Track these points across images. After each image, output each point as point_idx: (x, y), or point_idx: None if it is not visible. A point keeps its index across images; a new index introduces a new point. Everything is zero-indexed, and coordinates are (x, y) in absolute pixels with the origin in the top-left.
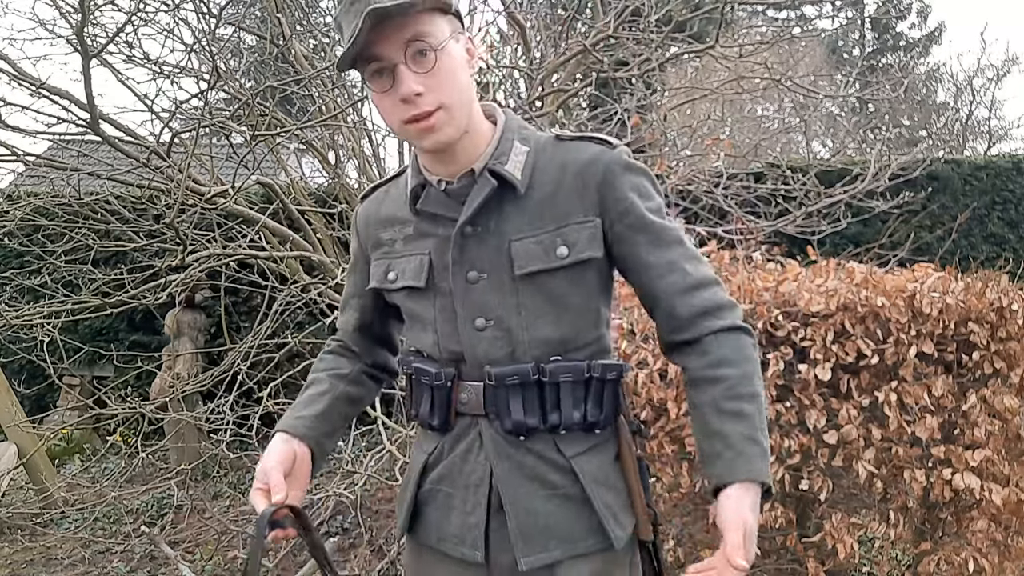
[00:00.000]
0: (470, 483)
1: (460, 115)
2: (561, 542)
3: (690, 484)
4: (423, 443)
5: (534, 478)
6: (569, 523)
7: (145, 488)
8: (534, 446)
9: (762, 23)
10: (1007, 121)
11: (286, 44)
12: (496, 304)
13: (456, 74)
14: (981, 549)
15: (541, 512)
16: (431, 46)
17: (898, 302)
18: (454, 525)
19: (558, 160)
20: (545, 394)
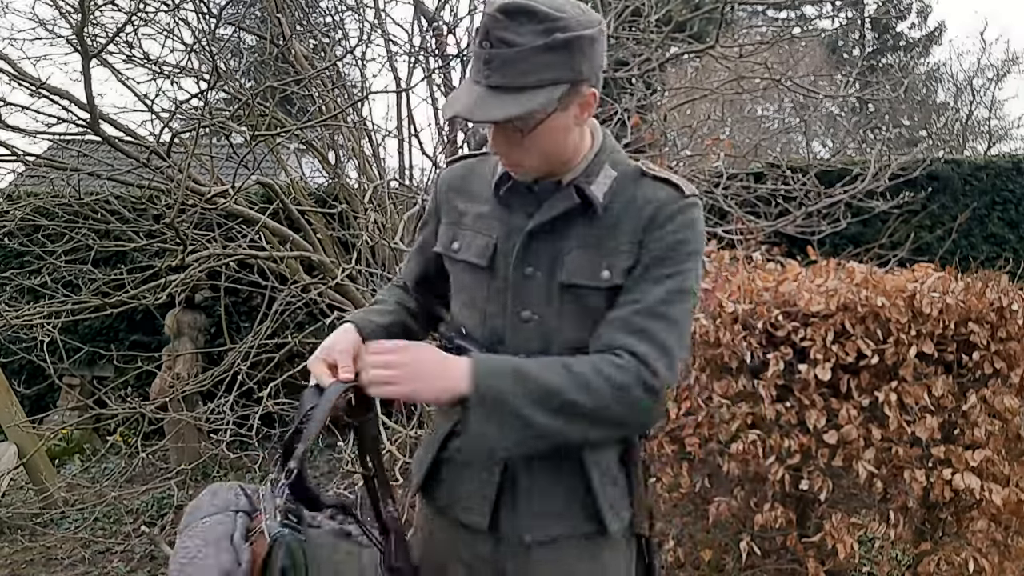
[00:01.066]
0: (482, 455)
1: (546, 168)
2: (564, 523)
3: (690, 484)
4: (451, 413)
5: (547, 464)
6: (573, 507)
7: (145, 488)
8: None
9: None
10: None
11: (286, 44)
12: (542, 302)
13: (547, 143)
14: (981, 549)
15: (550, 495)
16: (520, 128)
17: (898, 302)
18: (465, 492)
19: (636, 193)
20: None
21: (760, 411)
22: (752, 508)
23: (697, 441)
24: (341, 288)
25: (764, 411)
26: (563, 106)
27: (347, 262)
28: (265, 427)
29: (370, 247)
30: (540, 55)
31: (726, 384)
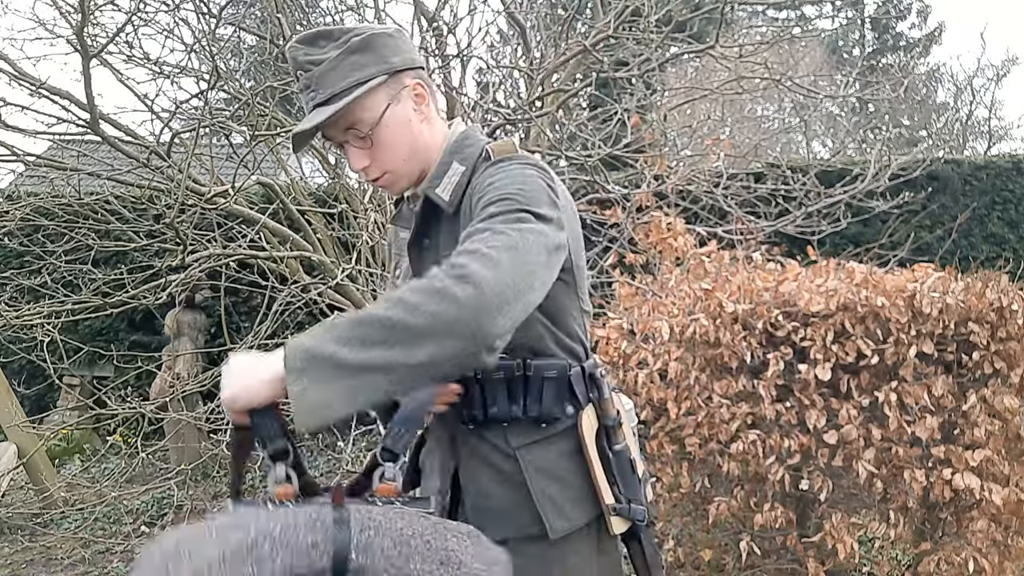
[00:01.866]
0: (441, 464)
1: (409, 169)
2: (510, 524)
3: (690, 484)
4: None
5: (488, 464)
6: (517, 508)
7: (145, 488)
8: (487, 435)
9: (762, 23)
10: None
11: (286, 44)
12: None
13: (396, 140)
14: (981, 549)
15: (493, 495)
16: (364, 131)
17: (898, 302)
18: (432, 489)
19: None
20: (484, 390)
21: (760, 411)
22: (752, 508)
23: (697, 441)
24: (341, 288)
25: (764, 411)
26: (393, 99)
27: (347, 262)
28: None
29: (370, 247)
30: (345, 60)
31: (726, 384)
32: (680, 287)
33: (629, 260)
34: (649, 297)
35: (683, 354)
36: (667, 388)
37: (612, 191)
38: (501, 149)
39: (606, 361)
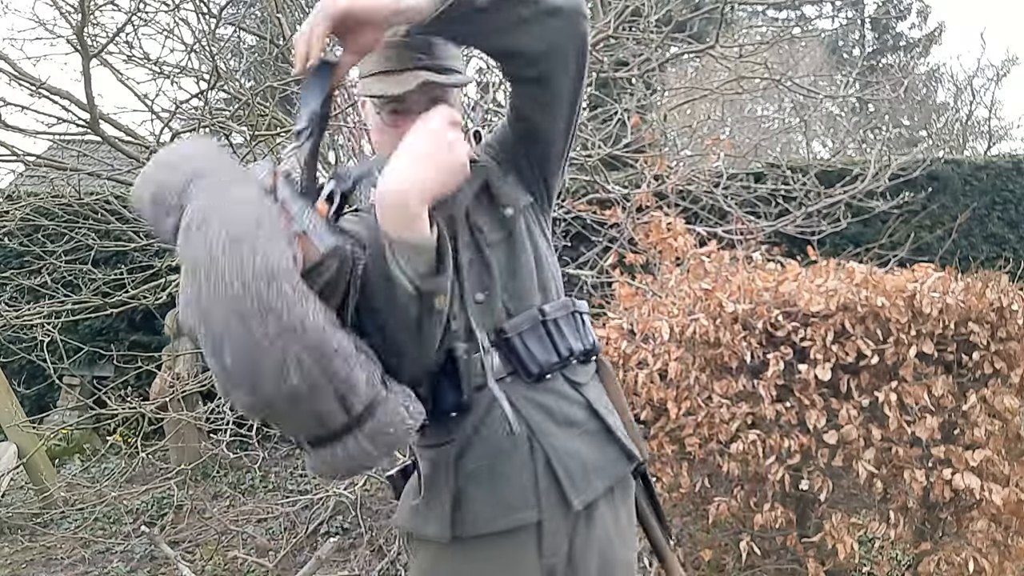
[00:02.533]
0: (509, 446)
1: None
2: (599, 475)
3: (690, 484)
4: (438, 438)
5: (563, 421)
6: (600, 455)
7: (145, 488)
8: (553, 386)
9: (762, 23)
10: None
11: (286, 44)
12: (487, 273)
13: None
14: (981, 549)
15: (578, 451)
16: (441, 99)
17: (898, 302)
18: (501, 495)
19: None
20: (551, 330)
21: (760, 411)
22: (752, 508)
23: (697, 441)
24: None
25: (764, 411)
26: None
27: None
28: (265, 427)
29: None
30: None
31: (726, 384)
32: (680, 287)
33: (629, 260)
34: (649, 297)
35: (683, 354)
36: (667, 388)
37: (612, 191)
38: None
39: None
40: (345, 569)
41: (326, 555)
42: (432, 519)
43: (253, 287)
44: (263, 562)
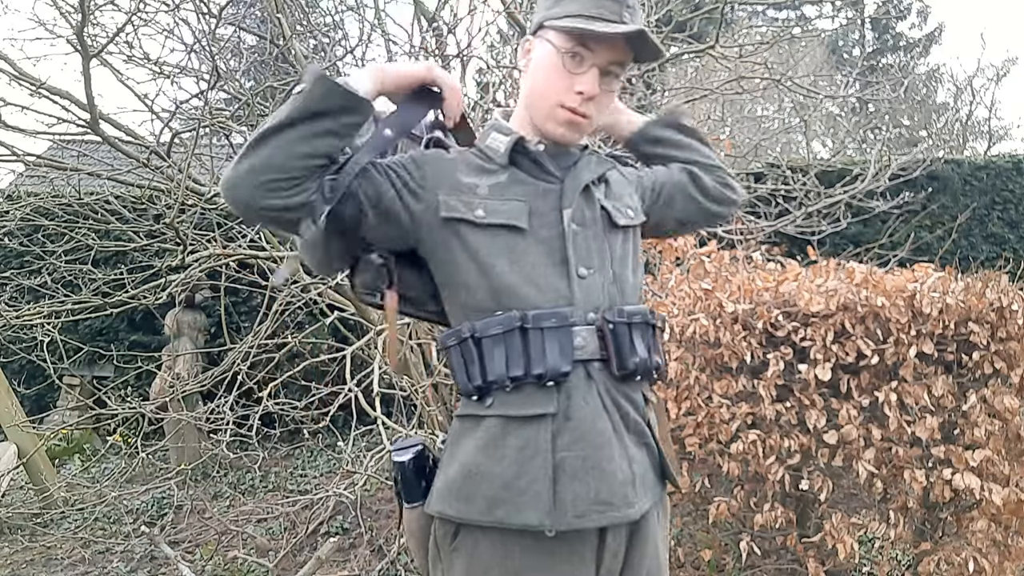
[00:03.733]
0: (605, 439)
1: (589, 130)
2: (648, 489)
3: (690, 484)
4: (528, 409)
5: (632, 428)
6: (650, 470)
7: (145, 488)
8: (631, 391)
9: (762, 23)
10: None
11: (286, 44)
12: (596, 252)
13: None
14: (981, 549)
15: (639, 460)
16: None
17: (898, 302)
18: (598, 488)
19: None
20: (651, 336)
21: (760, 411)
22: (752, 508)
23: (697, 441)
24: (341, 288)
25: (764, 411)
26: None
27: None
28: (265, 427)
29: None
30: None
31: (726, 384)
32: (680, 287)
33: None
34: (649, 297)
35: (683, 354)
36: (667, 388)
37: None
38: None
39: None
40: (345, 569)
41: (326, 555)
42: (529, 504)
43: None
44: (263, 562)
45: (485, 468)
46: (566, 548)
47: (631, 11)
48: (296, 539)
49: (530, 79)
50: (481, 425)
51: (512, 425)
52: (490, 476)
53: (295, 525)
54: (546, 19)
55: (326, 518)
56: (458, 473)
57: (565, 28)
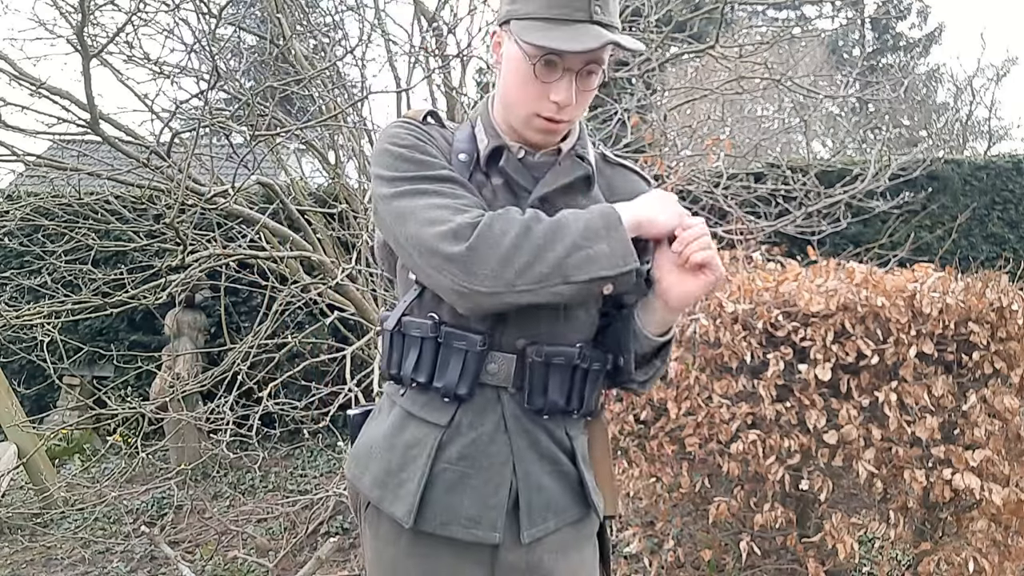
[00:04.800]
0: (495, 462)
1: (572, 127)
2: (555, 514)
3: (690, 484)
4: (427, 414)
5: (544, 455)
6: (564, 496)
7: (145, 488)
8: (550, 425)
9: (762, 23)
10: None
11: (286, 44)
12: None
13: (589, 100)
14: (981, 549)
15: (545, 487)
16: (598, 71)
17: (898, 302)
18: (468, 506)
19: (607, 178)
20: (576, 379)
21: (760, 411)
22: (752, 508)
23: (697, 441)
24: (341, 288)
25: (764, 411)
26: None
27: (347, 262)
28: (265, 427)
29: (370, 247)
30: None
31: (726, 384)
32: None
33: None
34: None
35: (683, 354)
36: (667, 388)
37: None
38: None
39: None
40: (345, 569)
41: (326, 555)
42: (400, 499)
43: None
44: (263, 562)
45: (380, 450)
46: (450, 551)
47: (600, 2)
48: (296, 539)
49: (503, 81)
50: (393, 408)
51: (411, 421)
52: (380, 459)
53: (295, 525)
54: (511, 15)
55: (326, 518)
56: (365, 442)
57: (528, 43)
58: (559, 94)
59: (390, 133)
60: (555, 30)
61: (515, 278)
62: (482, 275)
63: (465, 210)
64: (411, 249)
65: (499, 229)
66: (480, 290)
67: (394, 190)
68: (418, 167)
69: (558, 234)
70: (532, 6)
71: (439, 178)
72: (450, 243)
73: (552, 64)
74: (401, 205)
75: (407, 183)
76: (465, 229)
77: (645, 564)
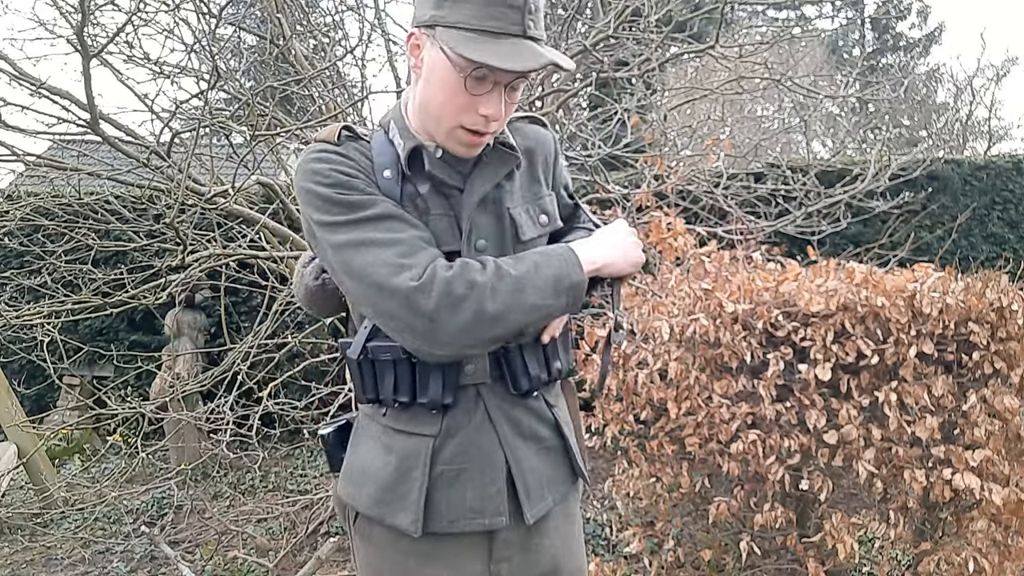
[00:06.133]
0: (484, 452)
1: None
2: (551, 490)
3: (690, 484)
4: (414, 427)
5: (528, 436)
6: (556, 471)
7: (145, 488)
8: (530, 402)
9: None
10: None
11: (286, 44)
12: None
13: (511, 111)
14: (981, 549)
15: (537, 467)
16: (523, 85)
17: (898, 302)
18: (471, 499)
19: (520, 139)
20: (549, 346)
21: (760, 411)
22: (752, 508)
23: (697, 441)
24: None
25: (764, 411)
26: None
27: None
28: (265, 427)
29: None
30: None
31: (726, 384)
32: (680, 287)
33: None
34: (649, 297)
35: (683, 354)
36: (667, 388)
37: (612, 191)
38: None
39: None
40: (345, 569)
41: (326, 555)
42: (401, 509)
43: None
44: (263, 562)
45: (373, 469)
46: (449, 547)
47: (534, 17)
48: (296, 539)
49: (425, 89)
50: (374, 428)
51: (399, 437)
52: (376, 477)
53: (295, 525)
54: (436, 21)
55: (326, 518)
56: (355, 464)
57: (462, 57)
58: (489, 107)
59: (310, 169)
60: (490, 44)
61: (476, 342)
62: (443, 342)
63: (409, 260)
64: (366, 306)
65: (459, 293)
66: (441, 353)
67: (334, 239)
68: (350, 209)
69: (521, 297)
70: (462, 15)
71: (376, 218)
72: (408, 311)
73: (482, 77)
74: (344, 259)
75: (344, 230)
76: (422, 291)
77: (645, 564)
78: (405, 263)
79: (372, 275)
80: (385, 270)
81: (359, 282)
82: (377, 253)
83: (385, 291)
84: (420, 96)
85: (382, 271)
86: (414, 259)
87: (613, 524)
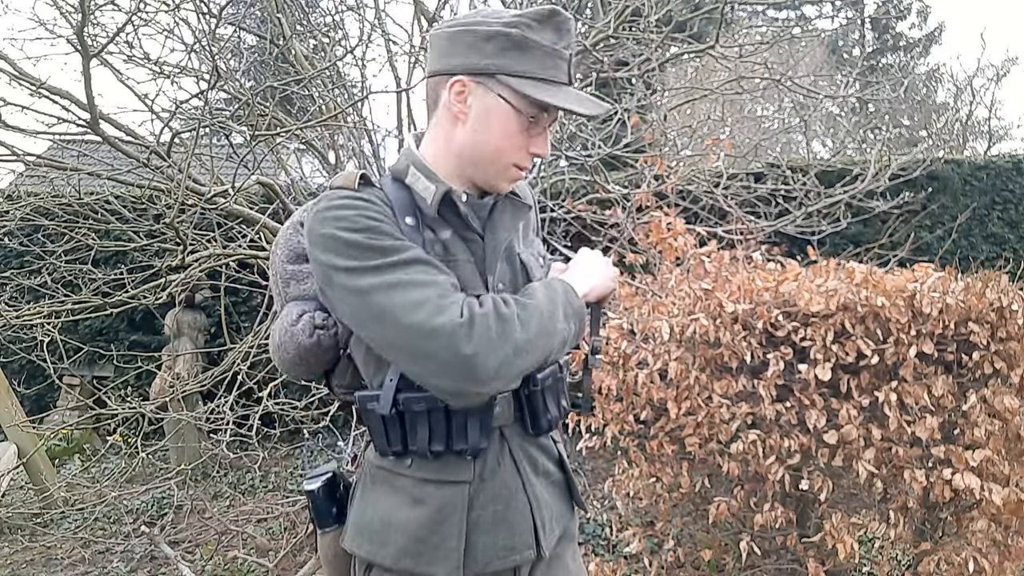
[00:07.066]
0: (512, 492)
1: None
2: (559, 522)
3: (690, 484)
4: (447, 475)
5: (541, 472)
6: (561, 504)
7: (145, 488)
8: (541, 440)
9: (762, 23)
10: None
11: (286, 44)
12: None
13: None
14: (981, 549)
15: (548, 501)
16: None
17: (898, 302)
18: (504, 538)
19: (516, 189)
20: (560, 386)
21: (760, 411)
22: (752, 508)
23: (697, 441)
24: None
25: (764, 411)
26: None
27: None
28: (265, 427)
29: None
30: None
31: (726, 384)
32: (680, 287)
33: (629, 260)
34: (649, 297)
35: (683, 354)
36: (667, 388)
37: (612, 191)
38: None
39: (606, 361)
40: None
41: None
42: (439, 559)
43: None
44: (263, 562)
45: (400, 521)
46: None
47: (573, 66)
48: (296, 539)
49: (474, 133)
50: (398, 480)
51: (429, 487)
52: (404, 529)
53: (295, 525)
54: (499, 69)
55: None
56: (373, 518)
57: (541, 102)
58: (540, 147)
59: (334, 215)
60: (553, 90)
61: (513, 375)
62: (483, 379)
63: (448, 300)
64: (399, 351)
65: (497, 329)
66: (479, 390)
67: (360, 283)
68: (383, 254)
69: (544, 323)
70: (530, 65)
71: (407, 262)
72: (449, 351)
73: (536, 121)
74: (375, 302)
75: (373, 274)
76: (465, 330)
77: (645, 564)
78: (444, 304)
79: (411, 316)
80: (425, 311)
81: (392, 325)
82: (415, 294)
83: (425, 331)
84: (463, 140)
85: (421, 312)
86: (452, 299)
87: (613, 524)
